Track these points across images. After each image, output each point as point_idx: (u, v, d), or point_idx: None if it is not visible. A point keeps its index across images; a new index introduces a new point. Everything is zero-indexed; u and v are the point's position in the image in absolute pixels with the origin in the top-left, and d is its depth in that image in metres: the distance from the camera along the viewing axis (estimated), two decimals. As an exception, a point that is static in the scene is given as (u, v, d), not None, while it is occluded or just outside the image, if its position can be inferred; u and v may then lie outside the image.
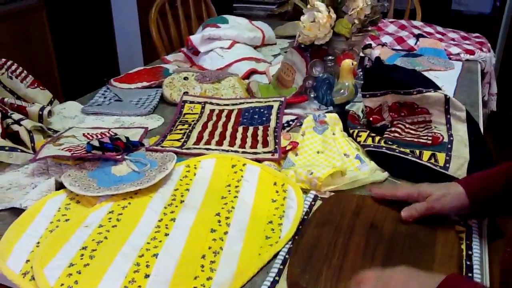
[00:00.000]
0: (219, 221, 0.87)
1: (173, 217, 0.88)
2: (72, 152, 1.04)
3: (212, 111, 1.34)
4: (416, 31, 2.06)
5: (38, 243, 0.82)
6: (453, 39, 2.04)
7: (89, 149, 1.04)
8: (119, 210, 0.90)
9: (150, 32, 2.17)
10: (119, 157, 1.03)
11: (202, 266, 0.76)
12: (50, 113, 1.30)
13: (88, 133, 1.21)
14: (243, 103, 1.38)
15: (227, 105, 1.38)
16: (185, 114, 1.34)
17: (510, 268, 0.65)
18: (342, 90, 1.26)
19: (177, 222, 0.87)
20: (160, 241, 0.82)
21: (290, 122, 1.27)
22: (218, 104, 1.38)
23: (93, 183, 0.96)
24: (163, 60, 1.88)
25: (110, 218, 0.87)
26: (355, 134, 1.16)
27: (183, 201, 0.93)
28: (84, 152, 1.04)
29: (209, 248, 0.80)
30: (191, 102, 1.39)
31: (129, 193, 0.94)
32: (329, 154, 1.08)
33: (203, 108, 1.36)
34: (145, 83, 1.57)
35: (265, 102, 1.36)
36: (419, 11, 2.48)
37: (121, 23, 3.71)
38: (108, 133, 1.21)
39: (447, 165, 1.02)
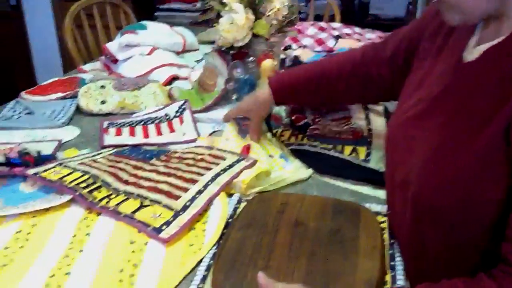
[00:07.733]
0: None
1: (88, 232, 0.82)
2: (-26, 170, 0.95)
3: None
4: (335, 33, 2.11)
5: None
6: (370, 39, 2.11)
7: (-6, 166, 0.96)
8: (28, 229, 0.83)
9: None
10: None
11: (121, 281, 0.71)
12: (-50, 130, 1.19)
13: (-7, 149, 1.11)
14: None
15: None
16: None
17: None
18: (264, 91, 1.25)
19: (93, 236, 0.81)
20: (73, 258, 0.76)
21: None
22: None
23: (-2, 202, 0.88)
24: (79, 70, 1.79)
25: (17, 239, 0.80)
26: (278, 134, 1.16)
27: (101, 213, 0.87)
28: (-12, 169, 0.95)
29: (128, 261, 0.75)
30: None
31: (39, 210, 0.87)
32: (254, 156, 1.07)
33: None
34: (59, 94, 1.48)
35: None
36: (338, 15, 2.54)
37: (37, 34, 3.53)
38: (18, 147, 1.12)
39: (368, 158, 1.04)
